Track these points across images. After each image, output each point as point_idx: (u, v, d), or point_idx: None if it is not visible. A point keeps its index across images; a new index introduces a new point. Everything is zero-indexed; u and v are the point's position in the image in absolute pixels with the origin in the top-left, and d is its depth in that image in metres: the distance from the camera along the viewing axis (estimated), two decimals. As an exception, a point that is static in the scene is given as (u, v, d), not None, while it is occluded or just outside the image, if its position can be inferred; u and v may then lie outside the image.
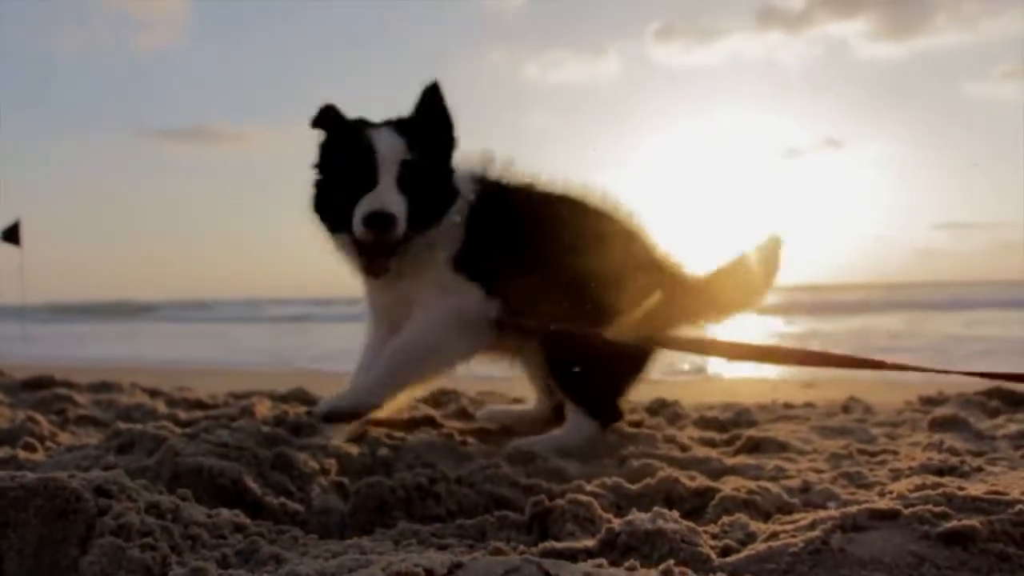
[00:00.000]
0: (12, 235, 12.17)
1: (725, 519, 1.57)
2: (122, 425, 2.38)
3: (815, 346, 9.37)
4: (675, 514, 1.47)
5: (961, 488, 1.54)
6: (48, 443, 2.46)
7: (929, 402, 3.42)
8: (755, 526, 1.52)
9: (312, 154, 2.56)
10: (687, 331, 2.65)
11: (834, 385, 4.94)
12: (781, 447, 2.48)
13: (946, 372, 1.90)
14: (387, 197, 2.33)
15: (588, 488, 1.84)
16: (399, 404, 2.66)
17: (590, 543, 1.39)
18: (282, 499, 1.88)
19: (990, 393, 3.31)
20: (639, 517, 1.42)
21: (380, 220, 2.30)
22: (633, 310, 2.39)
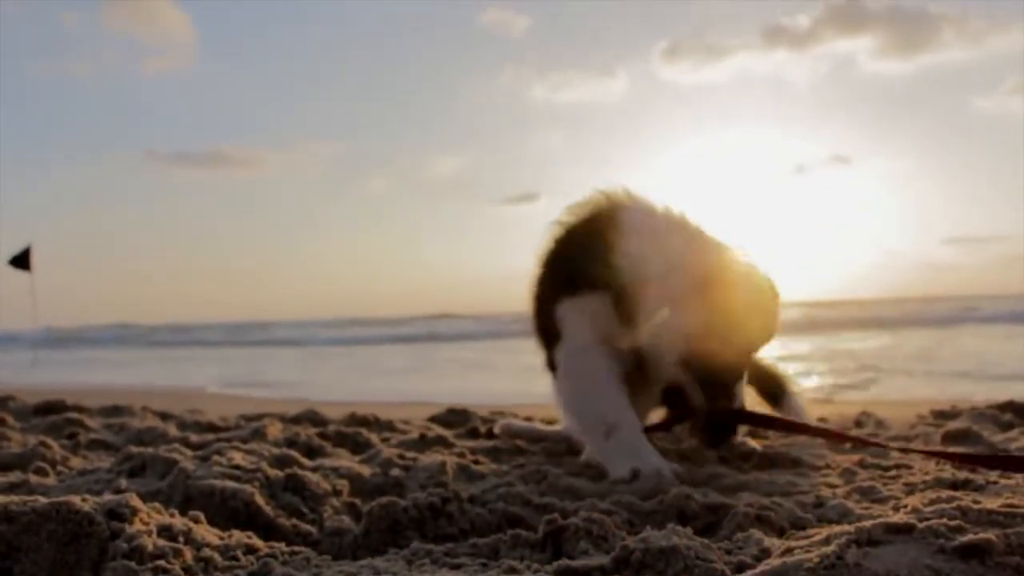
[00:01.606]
0: (23, 260, 12.25)
1: (739, 535, 1.56)
2: (133, 448, 2.39)
3: (832, 367, 9.35)
4: (689, 531, 1.46)
5: (976, 501, 1.53)
6: (60, 467, 2.47)
7: (941, 416, 3.41)
8: (769, 542, 1.51)
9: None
10: None
11: (847, 400, 4.92)
12: (794, 462, 2.46)
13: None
14: None
15: (602, 506, 1.84)
16: None
17: (604, 561, 1.39)
18: (294, 521, 1.88)
19: (1003, 407, 3.29)
20: (653, 534, 1.41)
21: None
22: None
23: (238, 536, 1.61)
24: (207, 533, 1.58)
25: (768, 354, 2.83)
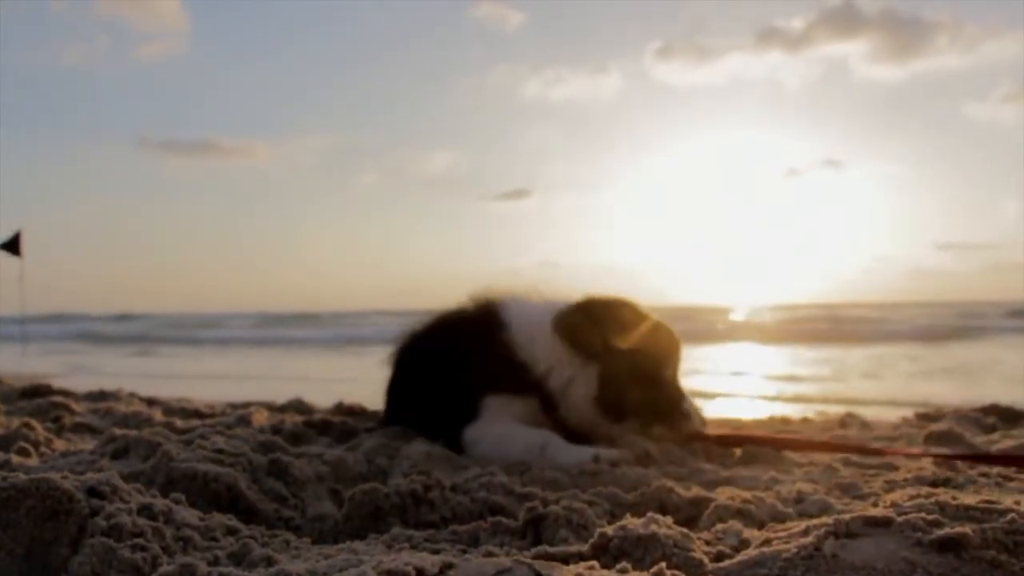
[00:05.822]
0: (13, 245, 12.19)
1: (719, 526, 1.57)
2: (117, 431, 2.37)
3: (820, 370, 9.37)
4: (668, 520, 1.46)
5: (955, 498, 1.53)
6: (43, 449, 2.46)
7: (925, 418, 3.42)
8: (749, 533, 1.51)
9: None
10: None
11: (832, 402, 4.94)
12: (777, 459, 2.47)
13: None
14: None
15: (584, 496, 1.84)
16: None
17: (583, 548, 1.39)
18: (276, 505, 1.88)
19: (986, 409, 3.31)
20: (632, 522, 1.42)
21: None
22: None
23: (219, 517, 1.61)
24: (187, 513, 1.58)
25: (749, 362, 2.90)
